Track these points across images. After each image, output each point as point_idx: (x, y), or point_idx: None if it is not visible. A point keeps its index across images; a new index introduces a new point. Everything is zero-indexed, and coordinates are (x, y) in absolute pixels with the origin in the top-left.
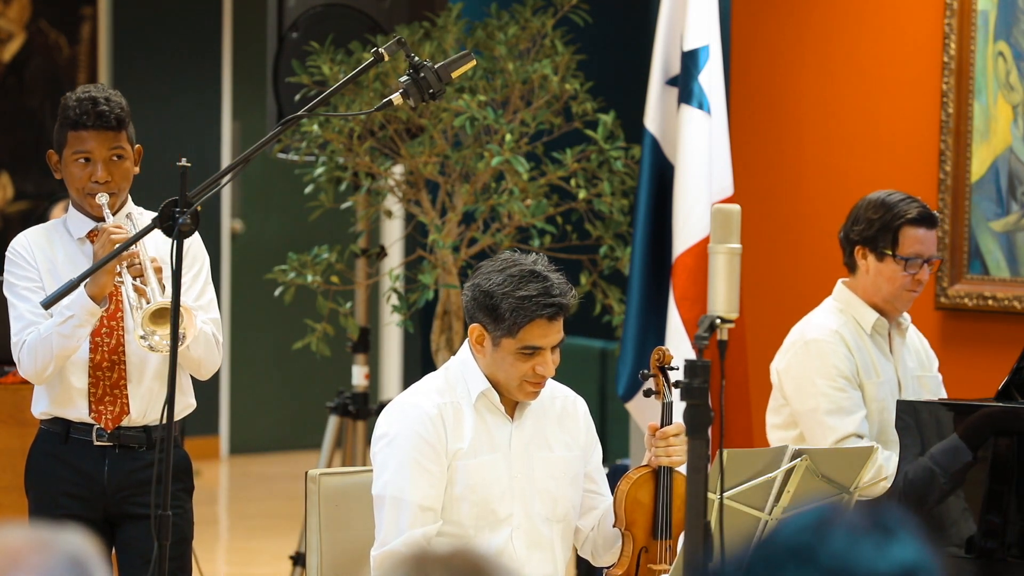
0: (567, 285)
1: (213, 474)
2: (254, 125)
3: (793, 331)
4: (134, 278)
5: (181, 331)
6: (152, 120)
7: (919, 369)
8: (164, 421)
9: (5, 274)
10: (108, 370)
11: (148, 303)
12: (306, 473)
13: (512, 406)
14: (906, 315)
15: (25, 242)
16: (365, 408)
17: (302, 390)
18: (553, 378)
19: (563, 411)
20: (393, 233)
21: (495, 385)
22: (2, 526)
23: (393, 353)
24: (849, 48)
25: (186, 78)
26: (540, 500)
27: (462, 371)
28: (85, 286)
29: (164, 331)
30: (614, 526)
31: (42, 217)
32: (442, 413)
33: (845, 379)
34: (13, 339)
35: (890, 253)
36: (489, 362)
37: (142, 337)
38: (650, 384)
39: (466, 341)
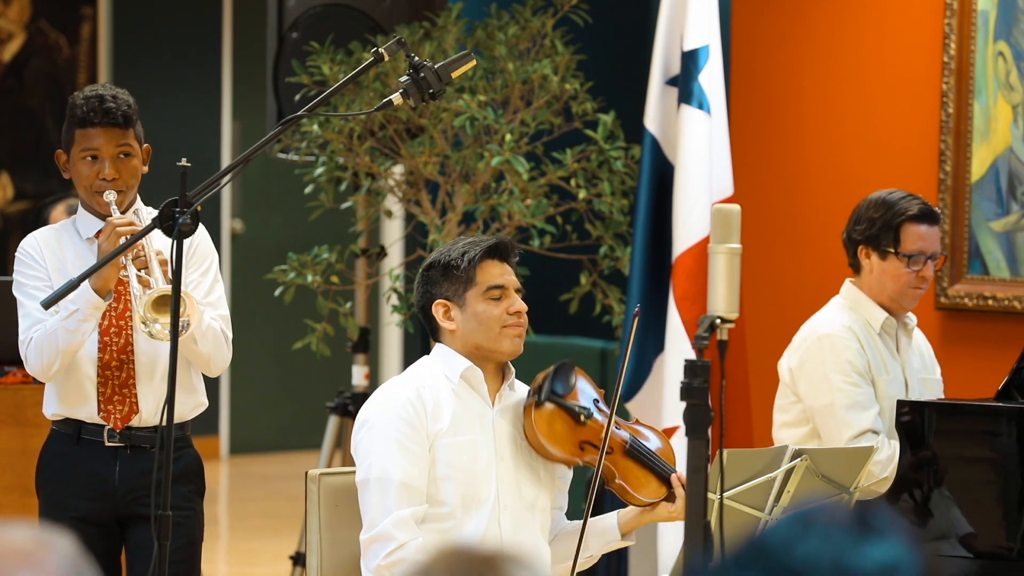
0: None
1: (213, 474)
2: (254, 125)
3: (803, 328)
4: (139, 270)
5: (185, 319)
6: (152, 120)
7: (923, 371)
8: (164, 421)
9: (15, 274)
10: (117, 369)
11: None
12: (306, 473)
13: (493, 392)
14: (912, 316)
15: (34, 242)
16: None
17: (302, 390)
18: None
19: None
20: (393, 233)
21: (479, 359)
22: (3, 525)
23: (393, 353)
24: (849, 48)
25: (186, 78)
26: (525, 486)
27: (440, 355)
28: (89, 280)
29: (165, 319)
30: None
31: (40, 217)
32: (421, 395)
33: (859, 374)
34: (21, 337)
35: (893, 251)
36: (464, 330)
37: (143, 323)
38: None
39: (437, 345)
